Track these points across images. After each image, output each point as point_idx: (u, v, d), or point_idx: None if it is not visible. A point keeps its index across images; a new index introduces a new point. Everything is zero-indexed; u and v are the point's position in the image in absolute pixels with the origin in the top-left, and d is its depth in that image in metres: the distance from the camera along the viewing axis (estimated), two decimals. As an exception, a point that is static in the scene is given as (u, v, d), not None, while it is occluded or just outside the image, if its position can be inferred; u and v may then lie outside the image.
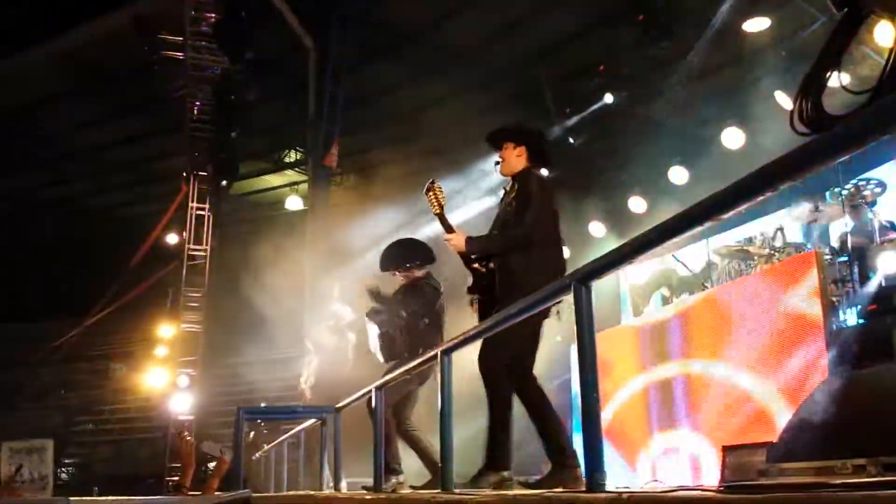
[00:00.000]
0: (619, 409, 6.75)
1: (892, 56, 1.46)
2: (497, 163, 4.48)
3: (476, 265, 4.35)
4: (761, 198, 1.65)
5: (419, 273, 5.73)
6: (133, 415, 16.53)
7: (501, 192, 4.54)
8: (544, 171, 4.51)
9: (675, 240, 2.10)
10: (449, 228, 4.44)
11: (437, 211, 4.55)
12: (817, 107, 1.47)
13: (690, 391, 5.90)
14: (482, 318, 4.30)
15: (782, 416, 4.49)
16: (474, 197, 12.32)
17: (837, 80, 1.48)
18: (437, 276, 5.76)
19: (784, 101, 8.43)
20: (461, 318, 4.63)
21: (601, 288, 2.41)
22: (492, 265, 4.31)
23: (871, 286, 5.27)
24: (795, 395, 4.68)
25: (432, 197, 4.58)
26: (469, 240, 4.31)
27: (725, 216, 1.81)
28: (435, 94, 13.30)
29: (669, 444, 6.06)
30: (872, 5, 1.44)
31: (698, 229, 1.98)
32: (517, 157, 4.38)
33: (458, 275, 4.63)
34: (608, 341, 6.98)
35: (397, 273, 5.77)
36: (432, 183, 4.58)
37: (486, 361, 4.00)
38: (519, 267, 4.12)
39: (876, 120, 1.33)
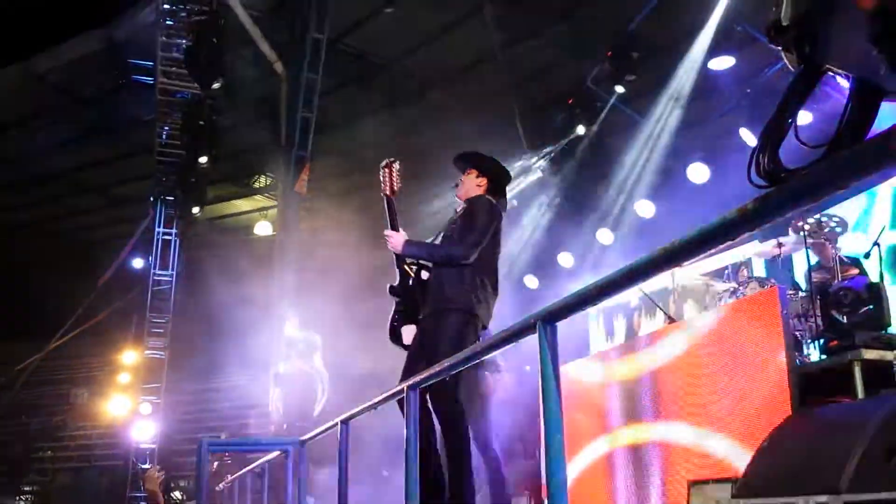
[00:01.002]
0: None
1: (847, 112, 1.50)
2: (456, 185, 4.48)
3: (407, 267, 4.32)
4: (721, 246, 1.68)
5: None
6: (94, 442, 16.23)
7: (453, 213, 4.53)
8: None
9: (639, 283, 2.11)
10: (393, 222, 4.35)
11: (387, 193, 4.42)
12: (774, 160, 1.50)
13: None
14: (396, 321, 4.29)
15: (746, 453, 4.51)
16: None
17: (794, 134, 1.51)
18: None
19: (748, 137, 8.60)
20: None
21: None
22: (424, 274, 4.29)
23: (833, 322, 5.34)
24: (759, 432, 4.71)
25: (386, 175, 4.44)
26: (408, 242, 4.26)
27: (686, 263, 1.82)
28: (407, 122, 13.36)
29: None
30: (829, 62, 1.48)
31: (660, 273, 2.00)
32: (477, 186, 4.39)
33: None
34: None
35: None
36: (391, 161, 4.44)
37: (439, 396, 3.94)
38: (450, 284, 4.09)
39: (830, 175, 1.36)
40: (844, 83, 1.54)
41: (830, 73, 1.50)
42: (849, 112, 1.50)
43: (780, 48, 1.46)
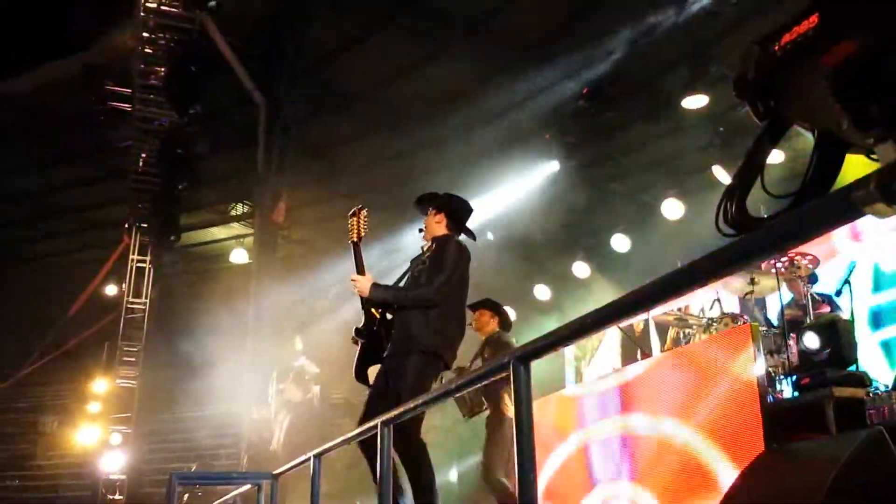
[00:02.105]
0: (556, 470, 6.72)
1: (812, 163, 1.53)
2: (420, 230, 4.56)
3: (374, 309, 4.37)
4: (689, 292, 1.70)
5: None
6: (62, 471, 15.93)
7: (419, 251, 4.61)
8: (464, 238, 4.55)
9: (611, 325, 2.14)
10: (360, 267, 4.43)
11: (354, 239, 4.58)
12: (741, 210, 1.53)
13: (633, 461, 5.91)
14: (362, 361, 4.32)
15: (719, 491, 4.52)
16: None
17: (761, 184, 1.55)
18: None
19: (721, 174, 8.74)
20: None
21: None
22: (389, 315, 4.33)
23: (805, 359, 5.38)
24: (732, 469, 4.72)
25: (354, 223, 4.61)
26: (375, 286, 4.33)
27: (654, 308, 1.85)
28: (383, 151, 13.42)
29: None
30: (795, 117, 1.51)
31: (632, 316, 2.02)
32: (437, 224, 4.47)
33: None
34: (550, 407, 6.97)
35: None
36: (360, 208, 4.61)
37: (401, 437, 3.96)
38: (416, 325, 4.16)
39: (796, 226, 1.39)
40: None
41: (795, 126, 1.54)
42: (814, 164, 1.53)
43: (746, 102, 1.50)
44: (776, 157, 6.52)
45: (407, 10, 10.57)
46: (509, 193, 11.79)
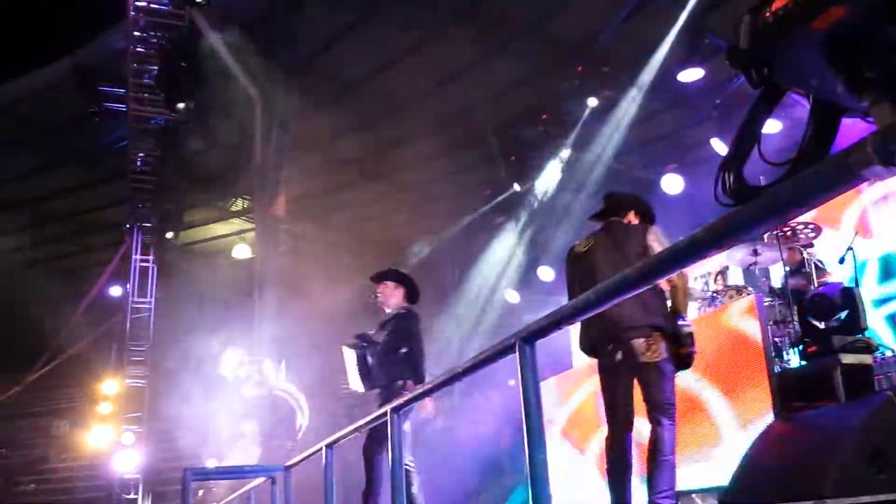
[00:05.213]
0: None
1: (808, 130, 1.52)
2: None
3: None
4: (691, 265, 1.70)
5: (397, 301, 5.85)
6: (77, 473, 16.01)
7: None
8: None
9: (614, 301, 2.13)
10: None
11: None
12: (739, 179, 1.52)
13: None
14: None
15: (731, 461, 4.53)
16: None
17: (757, 152, 1.54)
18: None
19: (720, 147, 8.70)
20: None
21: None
22: None
23: (810, 327, 5.39)
24: (743, 440, 4.73)
25: None
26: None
27: (658, 280, 1.85)
28: (381, 141, 13.37)
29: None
30: (787, 83, 1.51)
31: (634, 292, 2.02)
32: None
33: None
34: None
35: (378, 294, 5.86)
36: None
37: None
38: None
39: (794, 193, 1.38)
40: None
41: (790, 93, 1.53)
42: (810, 130, 1.53)
43: (740, 71, 1.49)
44: (774, 126, 6.50)
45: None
46: (508, 175, 11.78)
